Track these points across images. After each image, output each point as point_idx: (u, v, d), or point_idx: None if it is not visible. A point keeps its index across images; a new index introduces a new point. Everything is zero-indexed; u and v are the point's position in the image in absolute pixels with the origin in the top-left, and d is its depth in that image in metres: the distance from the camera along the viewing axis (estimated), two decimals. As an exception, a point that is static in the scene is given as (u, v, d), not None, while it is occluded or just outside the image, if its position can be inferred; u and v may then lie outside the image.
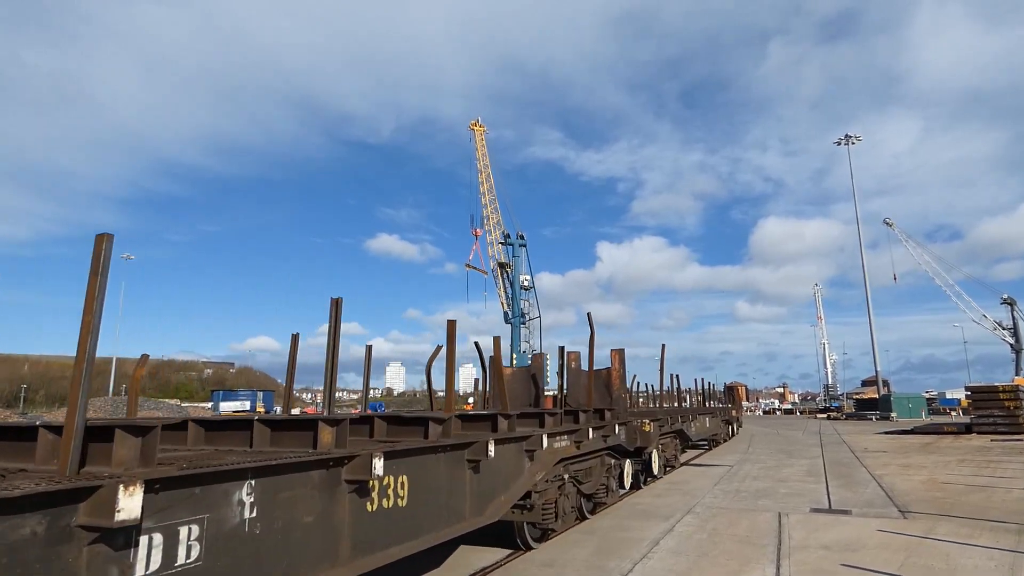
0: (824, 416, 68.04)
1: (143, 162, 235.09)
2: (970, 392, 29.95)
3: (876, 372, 69.11)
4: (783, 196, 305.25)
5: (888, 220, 76.83)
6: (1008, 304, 73.72)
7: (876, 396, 64.17)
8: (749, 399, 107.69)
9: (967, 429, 26.89)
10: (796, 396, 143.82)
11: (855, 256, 76.23)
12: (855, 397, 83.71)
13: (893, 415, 49.81)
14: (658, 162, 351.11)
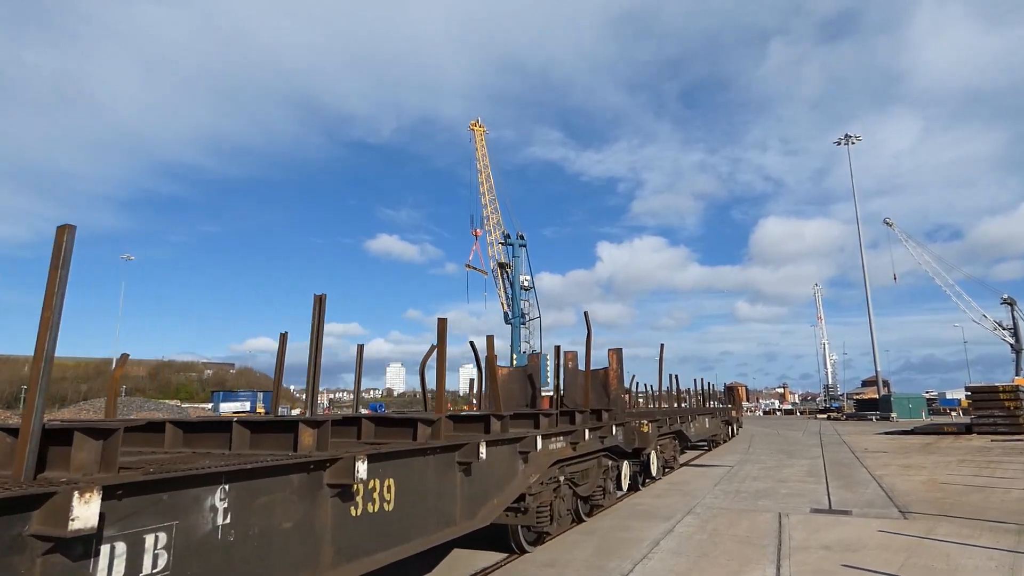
0: (824, 416, 67.95)
1: (143, 162, 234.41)
2: (970, 392, 29.87)
3: (876, 372, 69.15)
4: (783, 196, 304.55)
5: (888, 220, 76.93)
6: (1008, 304, 73.67)
7: (876, 396, 64.16)
8: (749, 399, 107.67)
9: (967, 429, 26.80)
10: (796, 396, 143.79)
11: (855, 256, 76.30)
12: (855, 397, 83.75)
13: (893, 415, 49.74)
14: (658, 162, 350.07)
